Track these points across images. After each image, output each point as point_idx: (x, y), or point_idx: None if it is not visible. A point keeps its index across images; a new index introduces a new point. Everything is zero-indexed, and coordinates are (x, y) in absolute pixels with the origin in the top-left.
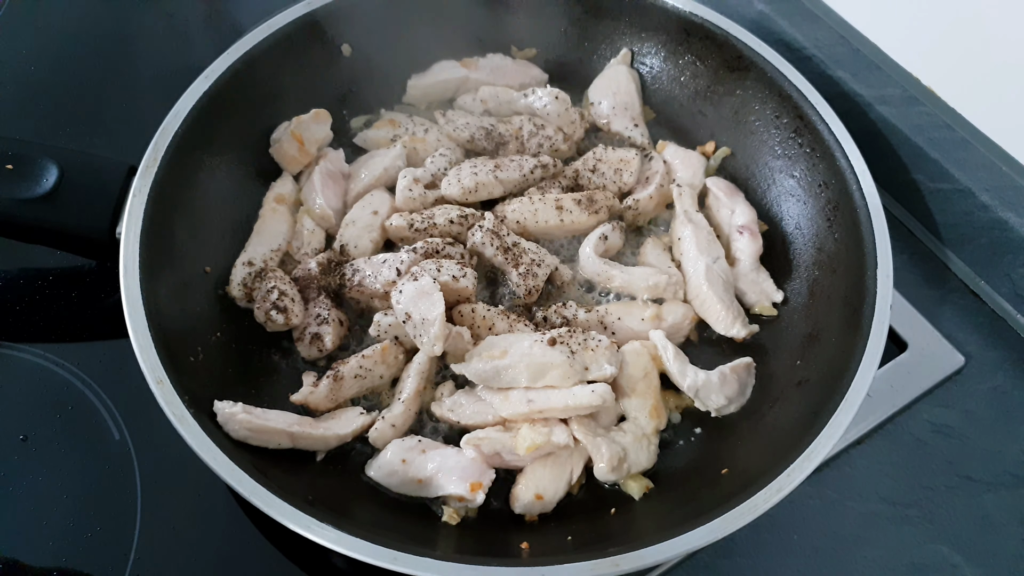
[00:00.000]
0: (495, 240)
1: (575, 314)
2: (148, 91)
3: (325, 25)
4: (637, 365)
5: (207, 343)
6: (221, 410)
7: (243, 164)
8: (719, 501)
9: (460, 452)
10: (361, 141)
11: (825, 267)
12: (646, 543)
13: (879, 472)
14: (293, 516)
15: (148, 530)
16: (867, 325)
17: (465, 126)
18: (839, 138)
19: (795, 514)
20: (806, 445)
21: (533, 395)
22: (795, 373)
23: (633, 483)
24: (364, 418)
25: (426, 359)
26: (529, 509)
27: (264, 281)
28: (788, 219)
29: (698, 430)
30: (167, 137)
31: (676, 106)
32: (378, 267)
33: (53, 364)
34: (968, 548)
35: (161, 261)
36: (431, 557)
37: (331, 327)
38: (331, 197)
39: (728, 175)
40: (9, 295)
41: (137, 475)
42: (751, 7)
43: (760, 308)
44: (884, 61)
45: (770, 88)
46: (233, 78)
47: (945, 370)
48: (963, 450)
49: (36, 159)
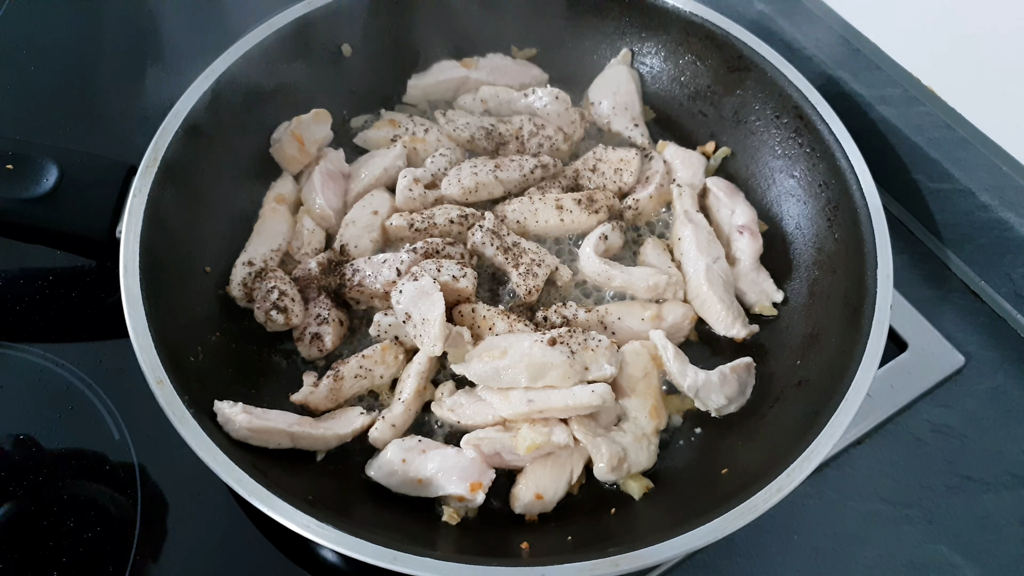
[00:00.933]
0: (495, 240)
1: (575, 314)
2: (148, 91)
3: (325, 25)
4: (637, 365)
5: (207, 343)
6: (221, 410)
7: (243, 164)
8: (719, 501)
9: (460, 452)
10: (361, 141)
11: (825, 267)
12: (646, 543)
13: (879, 472)
14: (293, 516)
15: (148, 530)
16: (867, 325)
17: (465, 126)
18: (839, 138)
19: (795, 514)
20: (806, 445)
21: (533, 395)
22: (795, 373)
23: (633, 483)
24: (364, 418)
25: (426, 359)
26: (529, 509)
27: (264, 281)
28: (788, 219)
29: (698, 430)
30: (167, 137)
31: (676, 106)
32: (378, 267)
33: (53, 364)
34: (968, 548)
35: (161, 261)
36: (431, 557)
37: (331, 327)
38: (331, 197)
39: (728, 175)
40: (9, 295)
41: (137, 475)
42: (751, 7)
43: (760, 308)
44: (884, 61)
45: (770, 88)
46: (233, 78)
47: (945, 370)
48: (963, 450)
49: (36, 159)
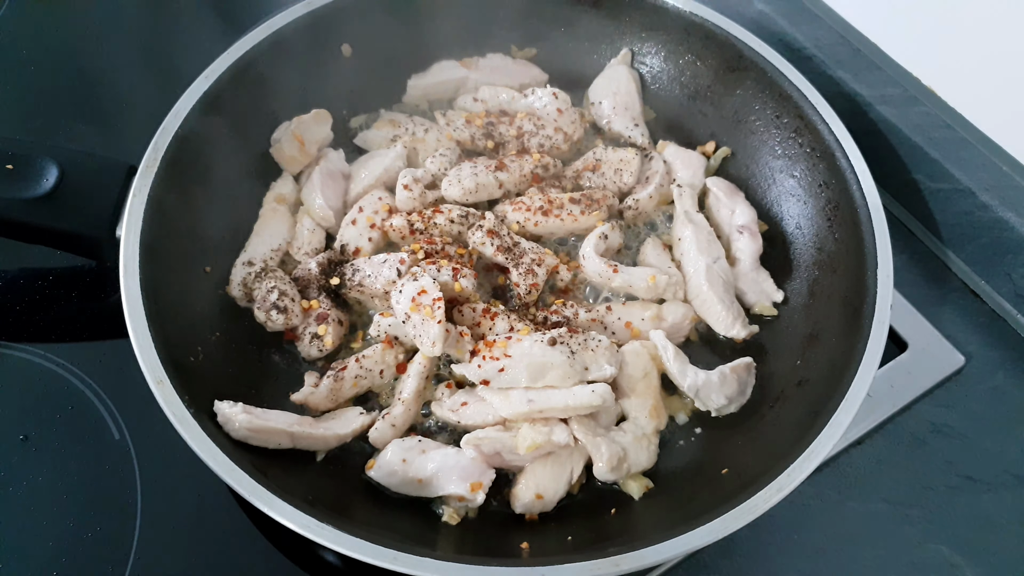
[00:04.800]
0: (495, 240)
1: (575, 314)
2: (148, 91)
3: (325, 25)
4: (637, 365)
5: (207, 343)
6: (221, 410)
7: (243, 164)
8: (719, 501)
9: (460, 452)
10: (361, 141)
11: (825, 267)
12: (646, 543)
13: (879, 472)
14: (293, 516)
15: (148, 530)
16: (867, 325)
17: (465, 126)
18: (839, 138)
19: (795, 514)
20: (806, 445)
21: (533, 395)
22: (795, 373)
23: (633, 483)
24: (364, 418)
25: (426, 359)
26: (529, 508)
27: (264, 281)
28: (788, 219)
29: (698, 430)
30: (167, 137)
31: (676, 106)
32: (378, 267)
33: (53, 364)
34: (968, 548)
35: (161, 261)
36: (431, 557)
37: (331, 327)
38: (331, 197)
39: (728, 175)
40: (9, 295)
41: (137, 475)
42: (751, 7)
43: (760, 308)
44: (884, 61)
45: (770, 88)
46: (233, 78)
47: (945, 370)
48: (963, 450)
49: (36, 159)
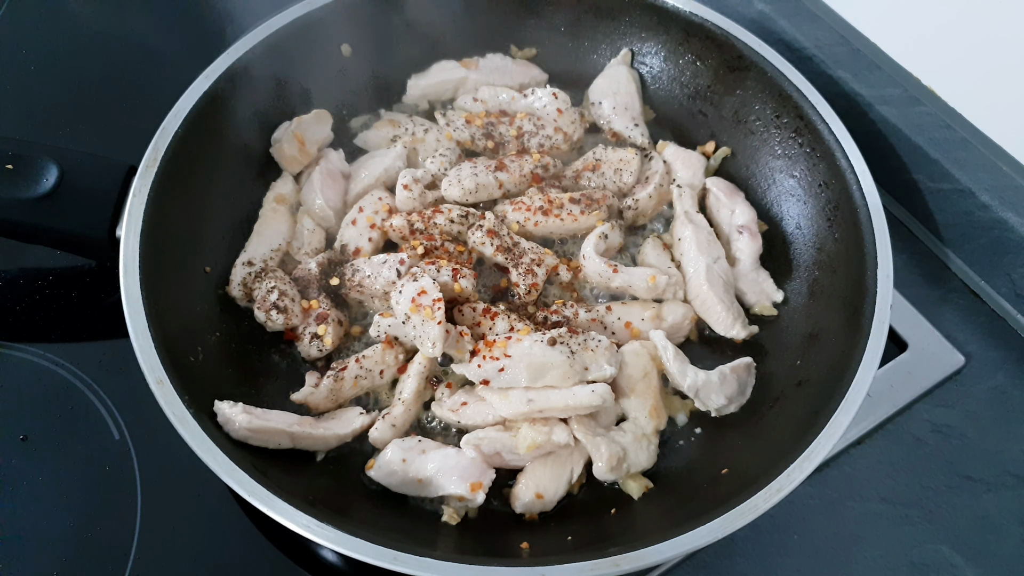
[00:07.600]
0: (495, 240)
1: (575, 314)
2: (148, 91)
3: (325, 25)
4: (637, 365)
5: (207, 343)
6: (221, 410)
7: (243, 164)
8: (719, 501)
9: (460, 452)
10: (361, 141)
11: (825, 267)
12: (646, 543)
13: (879, 472)
14: (293, 516)
15: (148, 530)
16: (867, 325)
17: (465, 126)
18: (839, 138)
19: (795, 514)
20: (806, 445)
21: (533, 395)
22: (795, 373)
23: (633, 483)
24: (364, 418)
25: (426, 359)
26: (529, 508)
27: (264, 281)
28: (788, 219)
29: (698, 430)
30: (167, 137)
31: (676, 106)
32: (378, 267)
33: (53, 364)
34: (968, 548)
35: (161, 261)
36: (431, 557)
37: (331, 327)
38: (331, 197)
39: (728, 175)
40: (9, 295)
41: (137, 475)
42: (751, 7)
43: (760, 308)
44: (884, 61)
45: (770, 88)
46: (233, 78)
47: (945, 370)
48: (963, 450)
49: (36, 159)
